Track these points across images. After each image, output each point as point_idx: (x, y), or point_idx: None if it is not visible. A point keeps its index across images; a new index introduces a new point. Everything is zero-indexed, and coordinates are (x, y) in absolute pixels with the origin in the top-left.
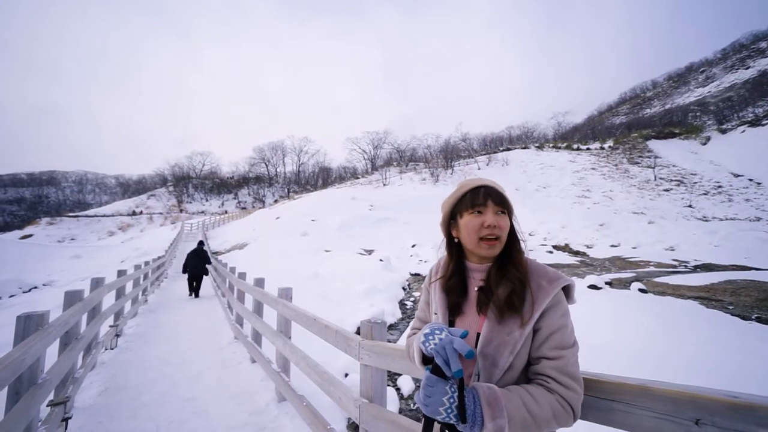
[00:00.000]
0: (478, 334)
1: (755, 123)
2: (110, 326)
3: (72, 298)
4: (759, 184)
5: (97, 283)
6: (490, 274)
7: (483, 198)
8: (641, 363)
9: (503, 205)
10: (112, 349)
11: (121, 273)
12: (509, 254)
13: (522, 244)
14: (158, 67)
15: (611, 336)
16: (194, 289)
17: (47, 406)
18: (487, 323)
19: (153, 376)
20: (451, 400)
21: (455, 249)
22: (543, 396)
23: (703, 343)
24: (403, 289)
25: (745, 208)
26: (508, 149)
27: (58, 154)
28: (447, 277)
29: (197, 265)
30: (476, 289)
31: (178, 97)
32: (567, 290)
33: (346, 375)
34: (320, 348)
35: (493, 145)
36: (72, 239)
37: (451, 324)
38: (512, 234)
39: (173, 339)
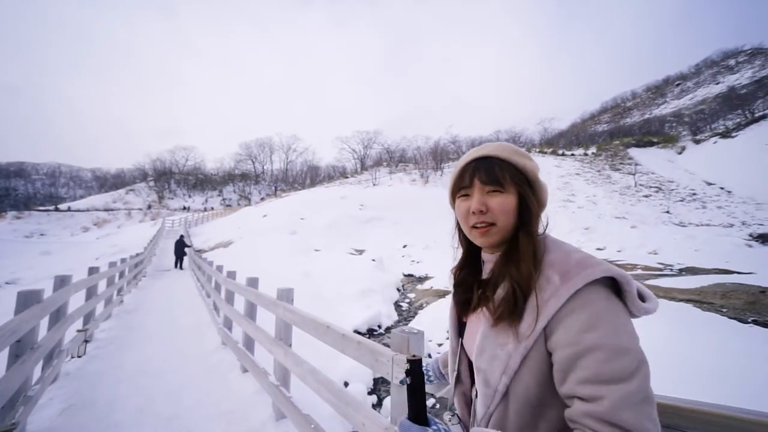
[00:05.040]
0: None
1: (726, 135)
2: (78, 331)
3: (27, 299)
4: (729, 192)
5: (62, 281)
6: (495, 267)
7: (469, 178)
8: (662, 371)
9: (496, 182)
10: (79, 356)
11: (92, 270)
12: (515, 241)
13: (539, 226)
14: (142, 52)
15: None
16: (179, 265)
17: None
18: (482, 328)
19: (127, 389)
20: None
21: (463, 236)
22: None
23: (712, 346)
24: (398, 290)
25: (718, 215)
26: None
27: (29, 144)
28: (458, 267)
29: (180, 249)
30: (477, 282)
31: (163, 86)
32: (615, 285)
33: (346, 384)
34: (313, 350)
35: None
36: (42, 235)
37: (462, 327)
38: (525, 214)
39: (152, 344)
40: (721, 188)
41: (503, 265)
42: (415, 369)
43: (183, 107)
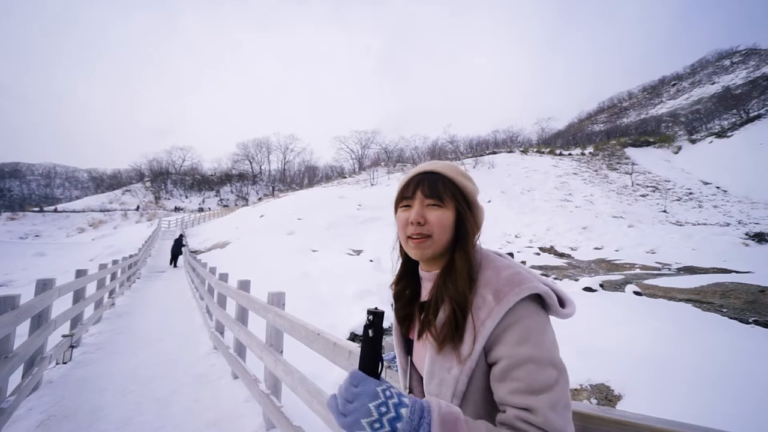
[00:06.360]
0: None
1: (721, 134)
2: (63, 336)
3: (1, 306)
4: (725, 191)
5: (44, 285)
6: (434, 288)
7: (412, 190)
8: (658, 372)
9: (437, 197)
10: (64, 363)
11: (80, 273)
12: (453, 260)
13: (475, 244)
14: (139, 51)
15: (622, 343)
16: (174, 263)
17: None
18: (428, 353)
19: (113, 397)
20: (383, 410)
21: (402, 250)
22: None
23: (716, 348)
24: None
25: (714, 214)
26: (494, 152)
27: (23, 144)
28: (396, 279)
29: (176, 248)
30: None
31: (161, 86)
32: (541, 301)
33: None
34: (309, 352)
35: (480, 148)
36: (36, 236)
37: (408, 344)
38: (461, 232)
39: (142, 349)
40: (717, 187)
41: (442, 284)
42: (376, 322)
43: (180, 107)
